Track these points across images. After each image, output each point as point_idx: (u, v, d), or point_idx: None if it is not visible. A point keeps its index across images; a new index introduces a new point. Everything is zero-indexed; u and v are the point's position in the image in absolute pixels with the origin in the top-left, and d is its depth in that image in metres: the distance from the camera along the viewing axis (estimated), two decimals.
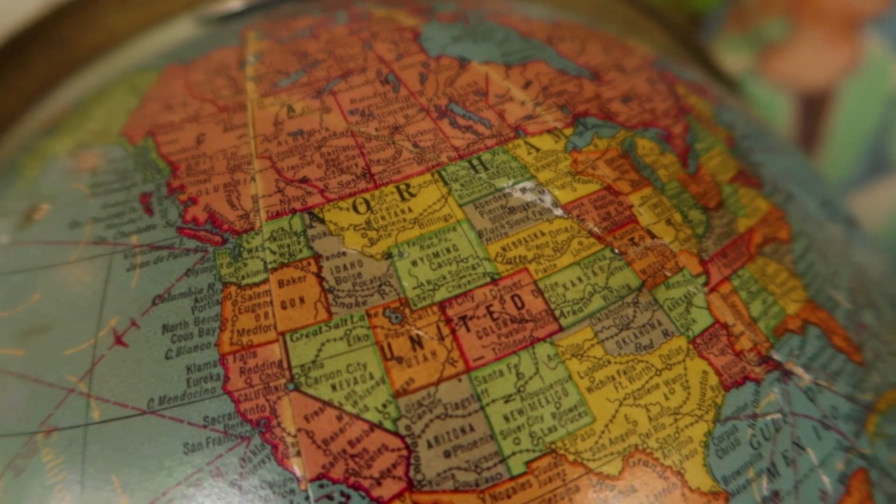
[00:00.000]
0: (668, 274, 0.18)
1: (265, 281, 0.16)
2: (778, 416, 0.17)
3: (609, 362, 0.16)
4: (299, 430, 0.15)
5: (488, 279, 0.17)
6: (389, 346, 0.16)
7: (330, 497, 0.15)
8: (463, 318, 0.16)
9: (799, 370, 0.18)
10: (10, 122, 0.27)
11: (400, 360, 0.16)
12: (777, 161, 0.23)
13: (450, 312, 0.16)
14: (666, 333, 0.17)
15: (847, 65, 0.54)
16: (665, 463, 0.16)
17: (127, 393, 0.16)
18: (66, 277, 0.18)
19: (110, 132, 0.21)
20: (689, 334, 0.17)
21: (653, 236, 0.18)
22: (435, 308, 0.16)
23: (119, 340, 0.17)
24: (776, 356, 0.18)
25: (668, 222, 0.18)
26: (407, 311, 0.16)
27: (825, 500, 0.17)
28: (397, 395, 0.15)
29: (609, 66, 0.22)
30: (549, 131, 0.19)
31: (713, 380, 0.17)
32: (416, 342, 0.16)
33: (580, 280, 0.17)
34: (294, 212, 0.17)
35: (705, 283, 0.18)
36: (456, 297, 0.16)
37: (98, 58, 0.28)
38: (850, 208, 0.48)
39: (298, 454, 0.15)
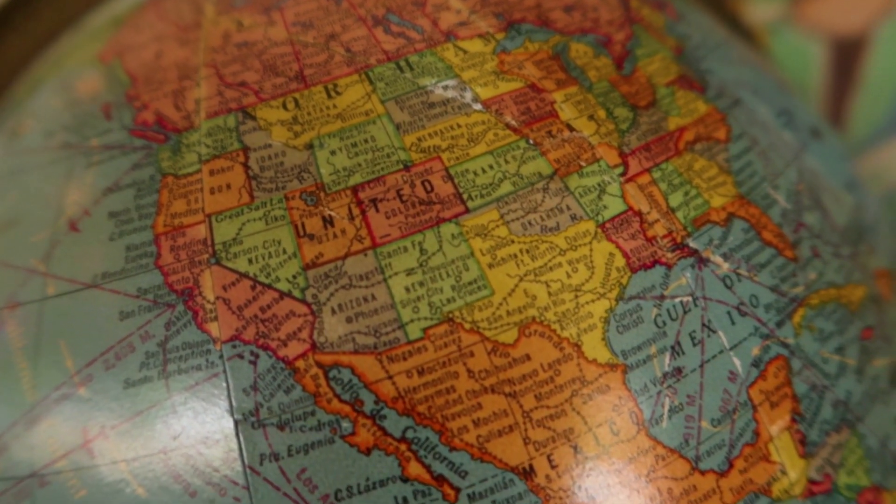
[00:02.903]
0: (583, 164, 0.18)
1: (198, 171, 0.18)
2: (688, 299, 0.17)
3: (513, 241, 0.17)
4: (217, 298, 0.16)
5: (401, 166, 0.17)
6: (303, 224, 0.17)
7: (241, 356, 0.16)
8: (373, 201, 0.17)
9: (717, 258, 0.18)
10: (21, 66, 0.29)
11: (312, 237, 0.17)
12: (731, 70, 0.23)
13: (362, 195, 0.17)
14: (574, 217, 0.17)
15: (882, 9, 0.52)
16: (562, 335, 0.16)
17: (76, 270, 0.18)
18: (36, 178, 0.20)
19: (89, 56, 0.23)
20: (599, 219, 0.17)
21: (571, 129, 0.18)
22: (348, 192, 0.17)
23: (73, 227, 0.18)
24: (692, 244, 0.18)
25: (591, 118, 0.19)
26: (322, 194, 0.17)
27: (734, 380, 0.17)
28: (307, 267, 0.16)
29: None
30: (480, 36, 0.20)
31: (620, 261, 0.17)
32: (328, 221, 0.17)
33: (491, 167, 0.18)
34: (230, 111, 0.19)
35: (622, 174, 0.18)
36: (369, 181, 0.17)
37: (101, 4, 0.30)
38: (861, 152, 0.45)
39: (215, 319, 0.16)
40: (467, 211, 0.17)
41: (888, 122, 0.50)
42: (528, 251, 0.17)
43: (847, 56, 0.51)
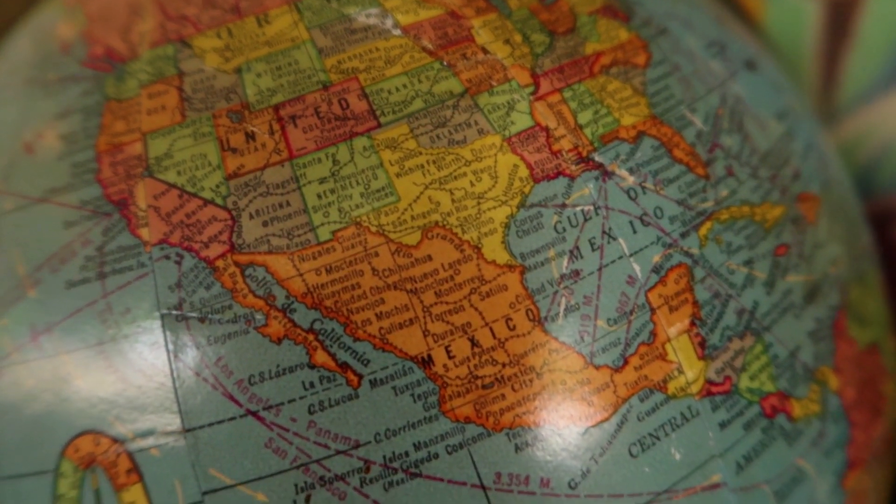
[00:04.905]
0: (494, 83, 0.19)
1: (138, 95, 0.19)
2: (589, 208, 0.18)
3: (420, 153, 0.18)
4: (149, 206, 0.18)
5: (320, 86, 0.19)
6: (228, 139, 0.18)
7: (167, 257, 0.17)
8: (293, 117, 0.18)
9: (623, 172, 0.19)
10: (10, 25, 0.31)
11: (235, 150, 0.18)
12: (663, 3, 0.23)
13: (282, 112, 0.18)
14: (481, 132, 0.18)
15: None
16: (463, 238, 0.17)
17: (28, 187, 0.19)
18: (2, 111, 0.22)
19: (58, 3, 0.24)
20: (506, 133, 0.18)
21: (486, 52, 0.19)
22: (270, 110, 0.18)
23: (28, 149, 0.20)
24: (598, 158, 0.19)
25: (507, 42, 0.20)
26: (246, 112, 0.19)
27: (632, 284, 0.18)
28: (229, 177, 0.18)
29: None
30: None
31: (523, 172, 0.18)
32: (250, 136, 0.18)
33: (405, 87, 0.19)
34: (170, 41, 0.20)
35: (533, 93, 0.19)
36: (290, 100, 0.19)
37: None
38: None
39: (146, 225, 0.18)
40: (379, 126, 0.18)
41: (880, 79, 0.50)
42: (434, 162, 0.18)
43: (841, 13, 0.51)
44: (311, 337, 0.17)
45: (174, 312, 0.17)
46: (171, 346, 0.17)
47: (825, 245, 0.22)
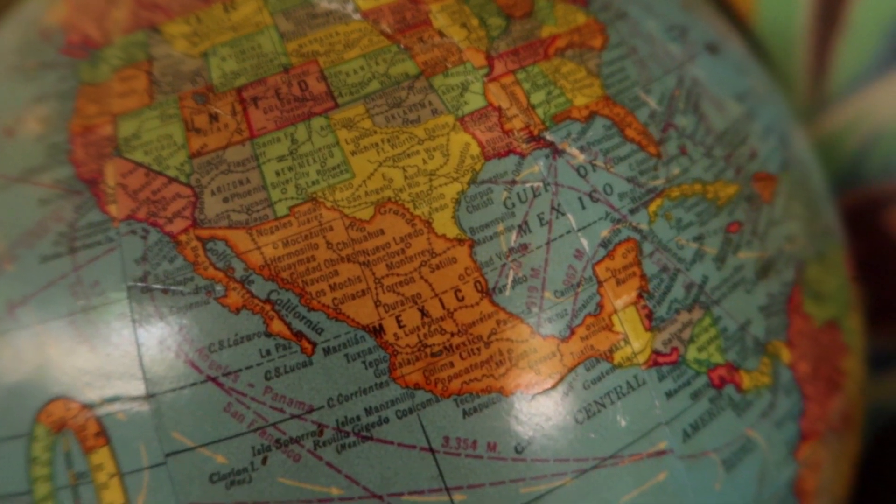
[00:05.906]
0: (449, 66, 0.20)
1: (110, 79, 0.20)
2: (539, 184, 0.19)
3: (375, 132, 0.19)
4: (117, 184, 0.19)
5: (281, 69, 0.19)
6: (192, 120, 0.19)
7: (134, 232, 0.18)
8: (254, 99, 0.19)
9: (573, 150, 0.20)
10: (5, 9, 0.32)
11: (199, 130, 0.19)
12: None
13: (244, 94, 0.19)
14: (434, 112, 0.19)
15: None
16: (414, 213, 0.18)
17: (8, 168, 0.20)
18: None
19: None
20: (458, 113, 0.19)
21: (442, 35, 0.20)
22: (233, 92, 0.19)
23: (8, 133, 0.21)
24: (549, 137, 0.19)
25: (463, 25, 0.20)
26: (211, 94, 0.19)
27: (580, 258, 0.19)
28: (193, 156, 0.19)
29: None
30: None
31: (475, 150, 0.19)
32: (214, 117, 0.19)
33: (362, 69, 0.19)
34: (141, 28, 0.21)
35: (487, 75, 0.20)
36: (252, 83, 0.19)
37: None
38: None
39: (115, 202, 0.19)
40: (336, 106, 0.19)
41: (871, 67, 0.50)
42: (388, 140, 0.19)
43: (832, 0, 0.51)
44: (267, 307, 0.18)
45: (139, 284, 0.18)
46: (136, 317, 0.18)
47: (781, 223, 0.23)
